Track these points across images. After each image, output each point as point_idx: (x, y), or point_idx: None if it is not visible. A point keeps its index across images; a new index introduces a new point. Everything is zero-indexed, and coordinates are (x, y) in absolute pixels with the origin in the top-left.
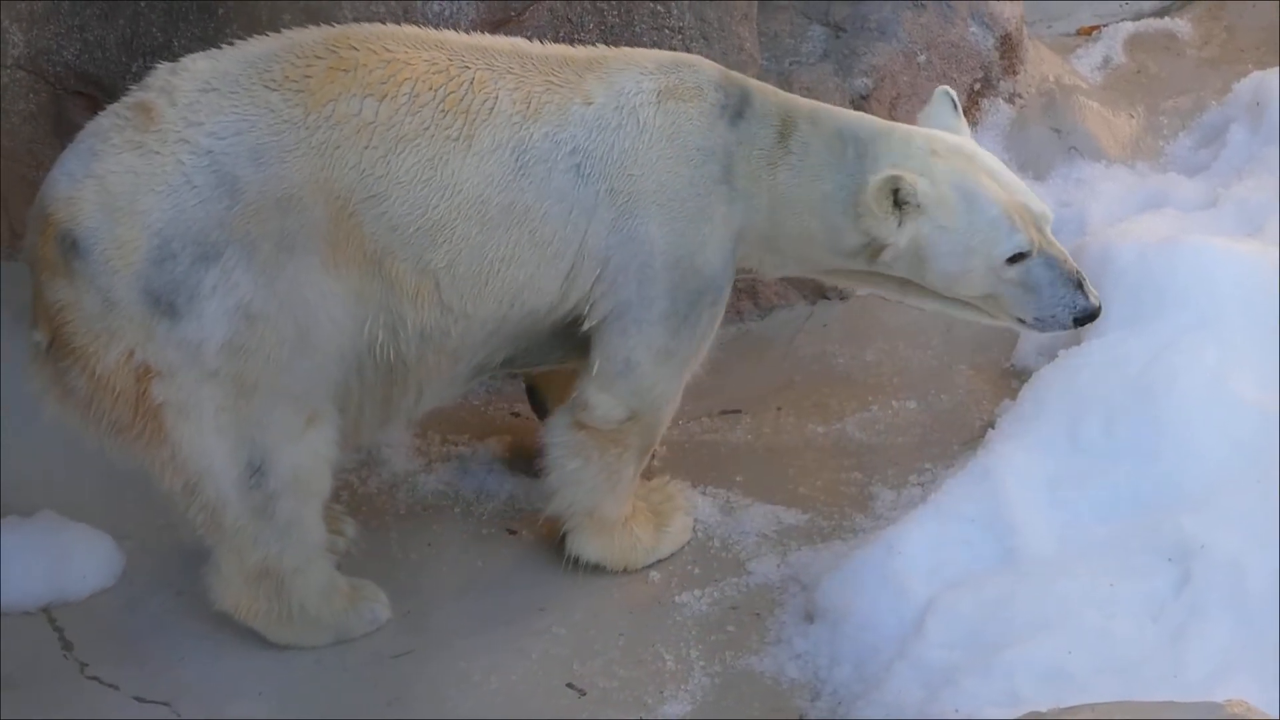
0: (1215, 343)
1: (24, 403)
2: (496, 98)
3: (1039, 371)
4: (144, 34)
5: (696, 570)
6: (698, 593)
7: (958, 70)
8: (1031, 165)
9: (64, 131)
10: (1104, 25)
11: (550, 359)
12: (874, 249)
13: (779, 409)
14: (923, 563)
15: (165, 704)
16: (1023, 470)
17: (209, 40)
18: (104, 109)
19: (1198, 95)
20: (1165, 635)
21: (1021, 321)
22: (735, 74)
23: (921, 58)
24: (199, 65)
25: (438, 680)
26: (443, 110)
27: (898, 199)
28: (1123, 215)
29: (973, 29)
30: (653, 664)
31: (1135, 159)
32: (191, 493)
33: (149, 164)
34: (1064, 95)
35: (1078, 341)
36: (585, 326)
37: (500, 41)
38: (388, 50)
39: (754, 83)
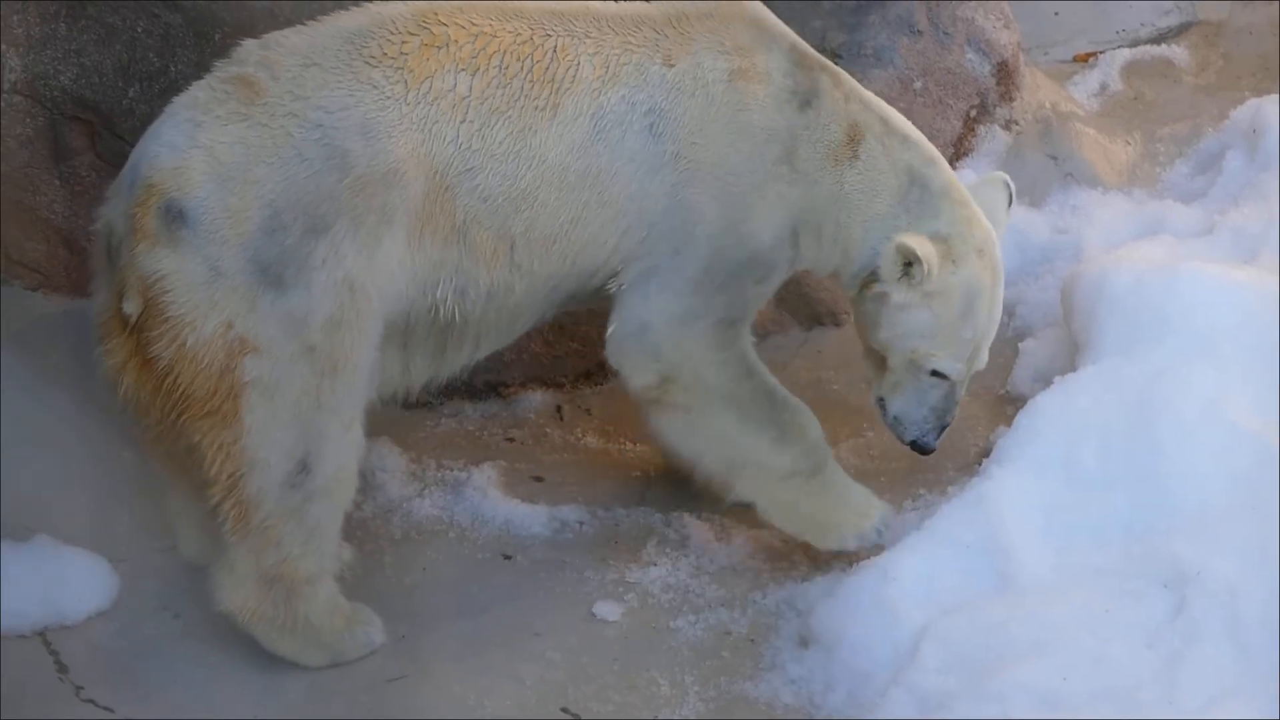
0: (1211, 369)
1: (21, 426)
2: (579, 64)
3: (1035, 398)
4: (141, 59)
5: (691, 595)
6: (692, 618)
7: (954, 97)
8: (1028, 192)
9: (61, 156)
10: (1101, 52)
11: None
12: (869, 280)
13: None
14: (917, 588)
15: None
16: (1018, 496)
17: (205, 66)
18: (100, 134)
19: (1195, 122)
20: (1160, 661)
21: (880, 403)
22: (811, 58)
23: (918, 84)
24: (292, 40)
25: (432, 705)
26: (530, 80)
27: (908, 269)
28: (1119, 242)
29: (969, 56)
30: (647, 689)
31: (1132, 186)
32: (234, 484)
33: (259, 135)
34: (1061, 122)
35: (1073, 368)
36: (613, 287)
37: (573, 6)
38: (474, 24)
39: (827, 77)
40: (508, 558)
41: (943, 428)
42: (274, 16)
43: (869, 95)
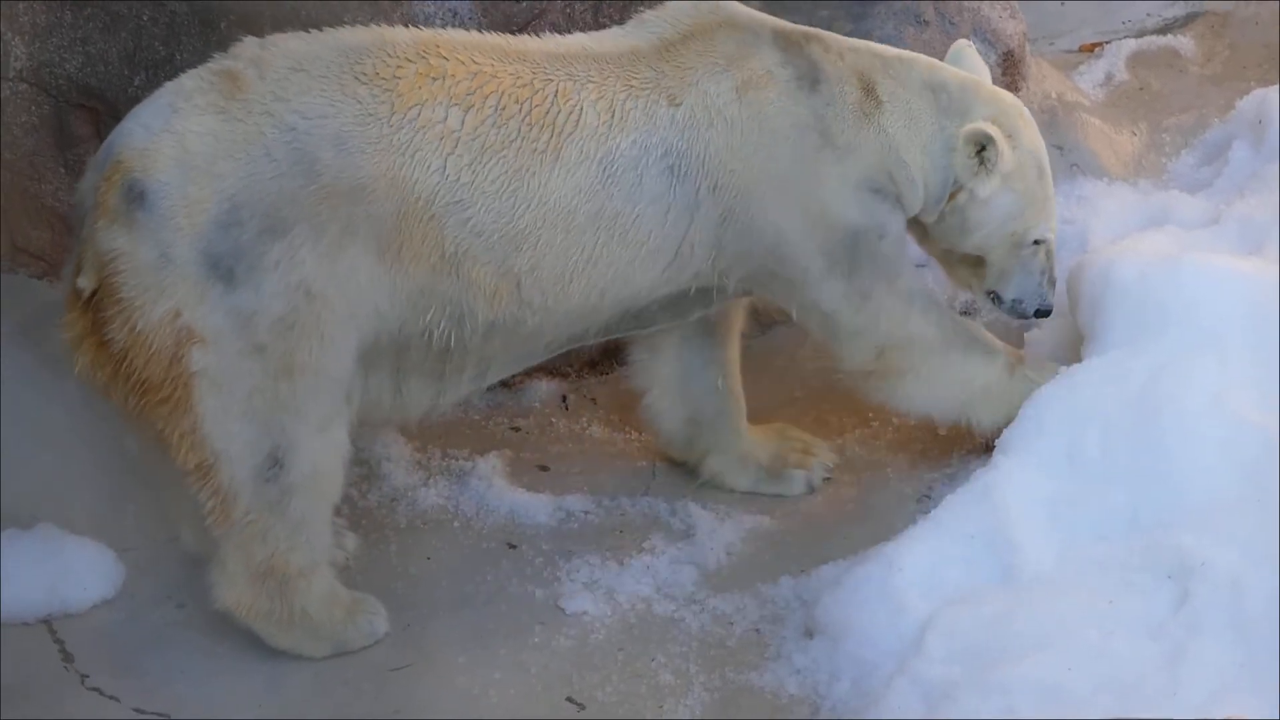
0: (1216, 361)
1: (25, 415)
2: (581, 110)
3: (1040, 389)
4: (146, 48)
5: (696, 585)
6: (697, 607)
7: None
8: None
9: (66, 144)
10: (1107, 42)
11: (659, 324)
12: (954, 191)
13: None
14: (922, 579)
15: (165, 716)
16: (1023, 487)
17: (210, 55)
18: (105, 122)
19: (1200, 112)
20: (1164, 653)
21: (993, 296)
22: (794, 35)
23: None
24: (290, 44)
25: (436, 695)
26: (529, 123)
27: (982, 155)
28: (1124, 232)
29: (975, 46)
30: (652, 678)
31: (1137, 176)
32: (205, 474)
33: (230, 130)
34: (1066, 112)
35: (1079, 359)
36: (721, 299)
37: (571, 45)
38: (475, 62)
39: (816, 46)
40: (513, 547)
41: (1053, 282)
42: (279, 6)
43: (855, 41)
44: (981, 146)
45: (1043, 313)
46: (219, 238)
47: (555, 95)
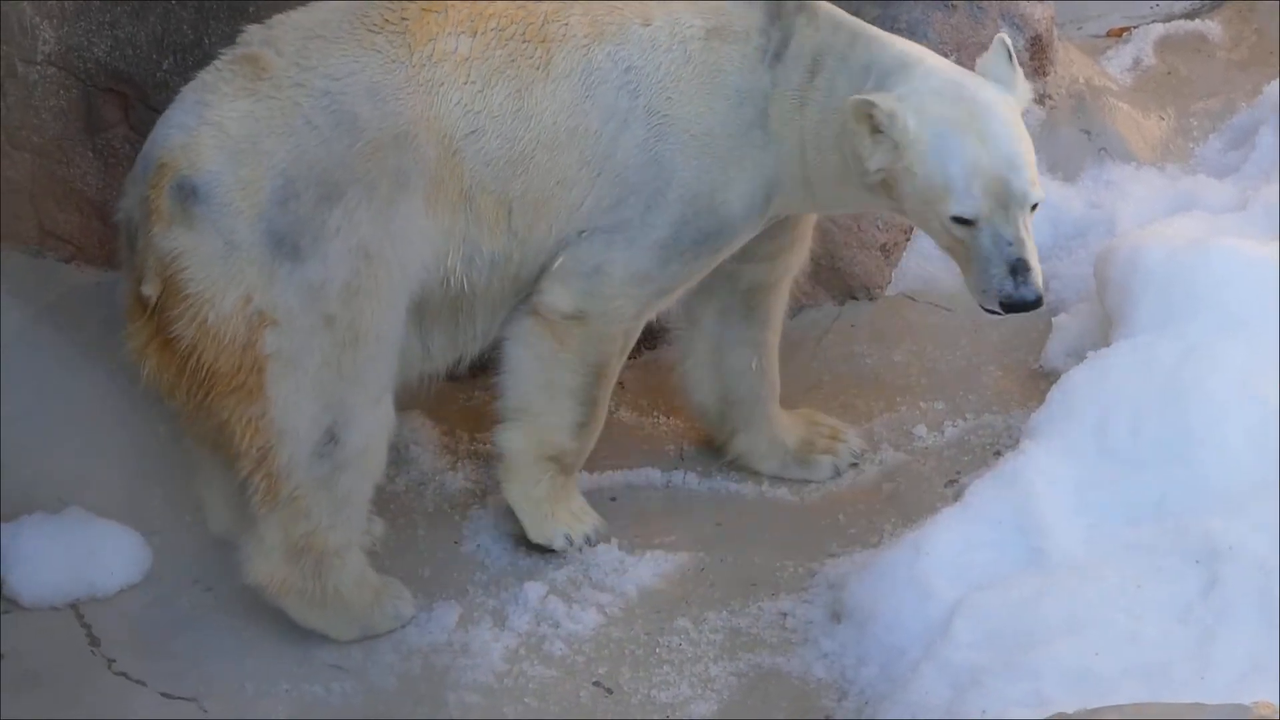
0: (1244, 345)
1: (53, 398)
2: (568, 23)
3: (1067, 373)
4: (175, 31)
5: (722, 568)
6: (723, 591)
7: None
8: (1061, 167)
9: (95, 128)
10: (1134, 27)
11: None
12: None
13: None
14: (950, 564)
15: (192, 700)
16: (1051, 472)
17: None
18: (134, 106)
19: (1227, 97)
20: (1192, 637)
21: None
22: (789, 5)
23: (951, 59)
24: (294, 18)
25: (463, 679)
26: (524, 39)
27: (873, 125)
28: (1152, 217)
29: (1003, 30)
30: (678, 662)
31: (1165, 161)
32: (263, 457)
33: (267, 108)
34: (1094, 97)
35: (1106, 343)
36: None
37: None
38: None
39: (803, 17)
40: None
41: (1016, 270)
42: None
43: (848, 19)
44: (870, 116)
45: (1012, 305)
46: (279, 214)
47: (546, 12)
